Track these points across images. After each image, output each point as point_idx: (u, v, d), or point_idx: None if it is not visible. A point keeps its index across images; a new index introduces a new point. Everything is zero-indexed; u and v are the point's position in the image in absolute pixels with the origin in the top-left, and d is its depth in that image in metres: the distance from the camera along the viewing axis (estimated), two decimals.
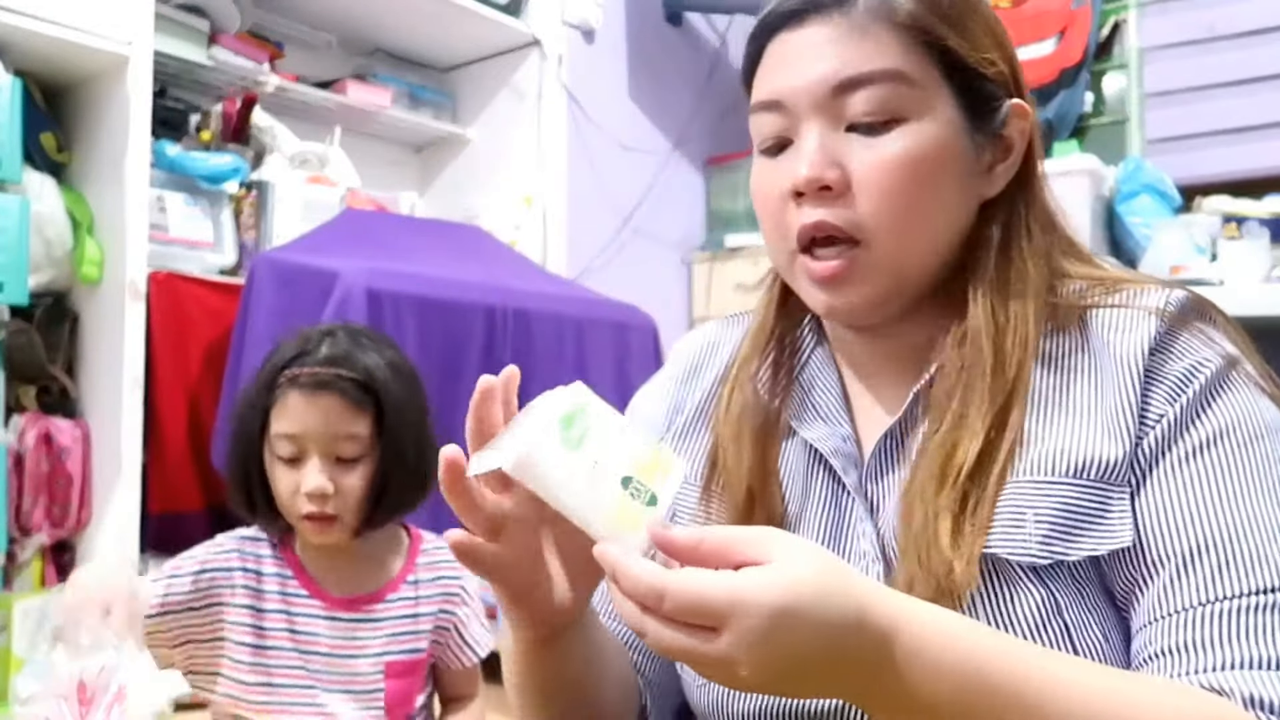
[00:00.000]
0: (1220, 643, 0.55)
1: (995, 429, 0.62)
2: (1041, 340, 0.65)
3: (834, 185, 0.63)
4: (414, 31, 2.77)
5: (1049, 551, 0.59)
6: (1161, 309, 0.63)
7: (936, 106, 0.64)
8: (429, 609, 1.16)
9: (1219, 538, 0.57)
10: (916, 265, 0.65)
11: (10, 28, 1.73)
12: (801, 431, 0.70)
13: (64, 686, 0.89)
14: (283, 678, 1.13)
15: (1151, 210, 2.36)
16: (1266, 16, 2.52)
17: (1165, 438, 0.60)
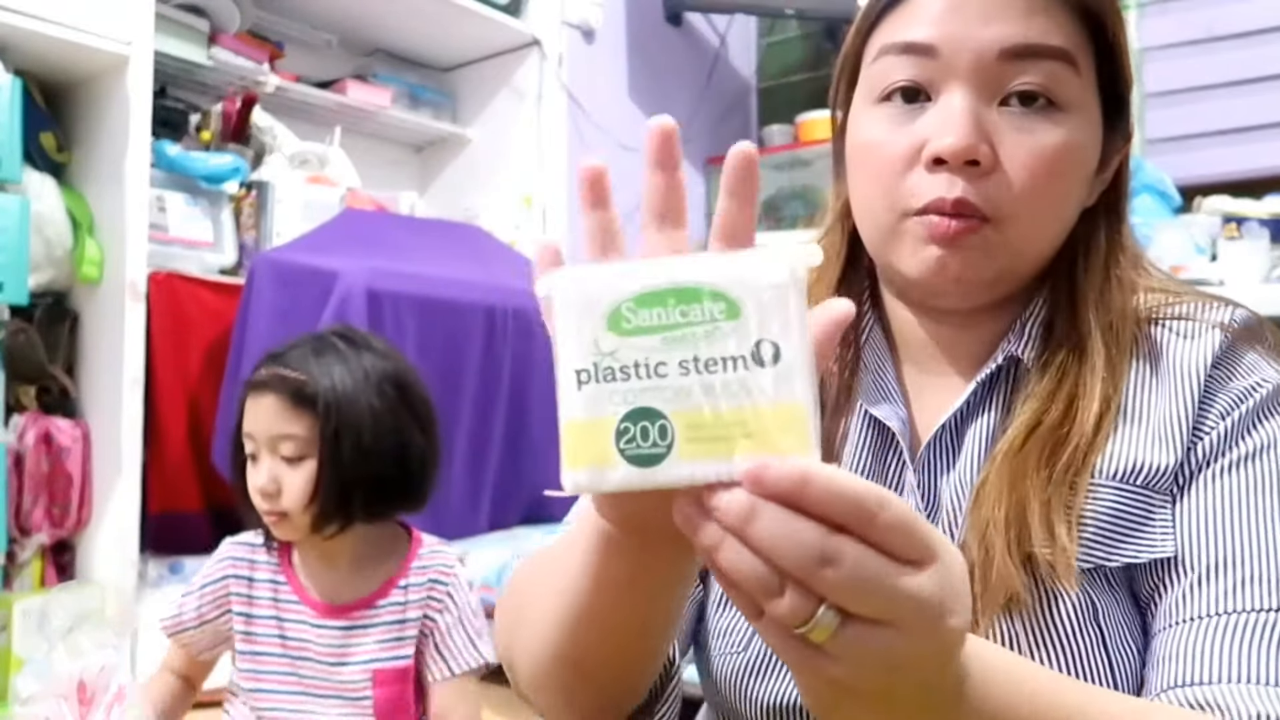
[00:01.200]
0: (1231, 655, 0.54)
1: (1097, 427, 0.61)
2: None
3: (983, 161, 0.59)
4: (414, 31, 2.77)
5: (1092, 556, 0.59)
6: (1226, 324, 0.63)
7: (1089, 102, 0.62)
8: (415, 614, 1.15)
9: (1249, 552, 0.57)
10: (1033, 254, 0.63)
11: (10, 28, 1.73)
12: (872, 409, 0.67)
13: (64, 686, 0.89)
14: (273, 684, 1.14)
15: (1151, 210, 2.35)
16: (1266, 16, 2.52)
17: (1213, 448, 0.60)
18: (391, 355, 1.18)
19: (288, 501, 1.11)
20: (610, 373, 0.38)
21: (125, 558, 1.83)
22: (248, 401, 1.13)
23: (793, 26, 3.41)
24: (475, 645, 1.15)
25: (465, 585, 1.17)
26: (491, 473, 2.15)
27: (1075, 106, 0.61)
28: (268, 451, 1.11)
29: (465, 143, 2.94)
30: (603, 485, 0.38)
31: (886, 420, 0.67)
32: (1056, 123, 0.60)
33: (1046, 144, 0.60)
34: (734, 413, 0.37)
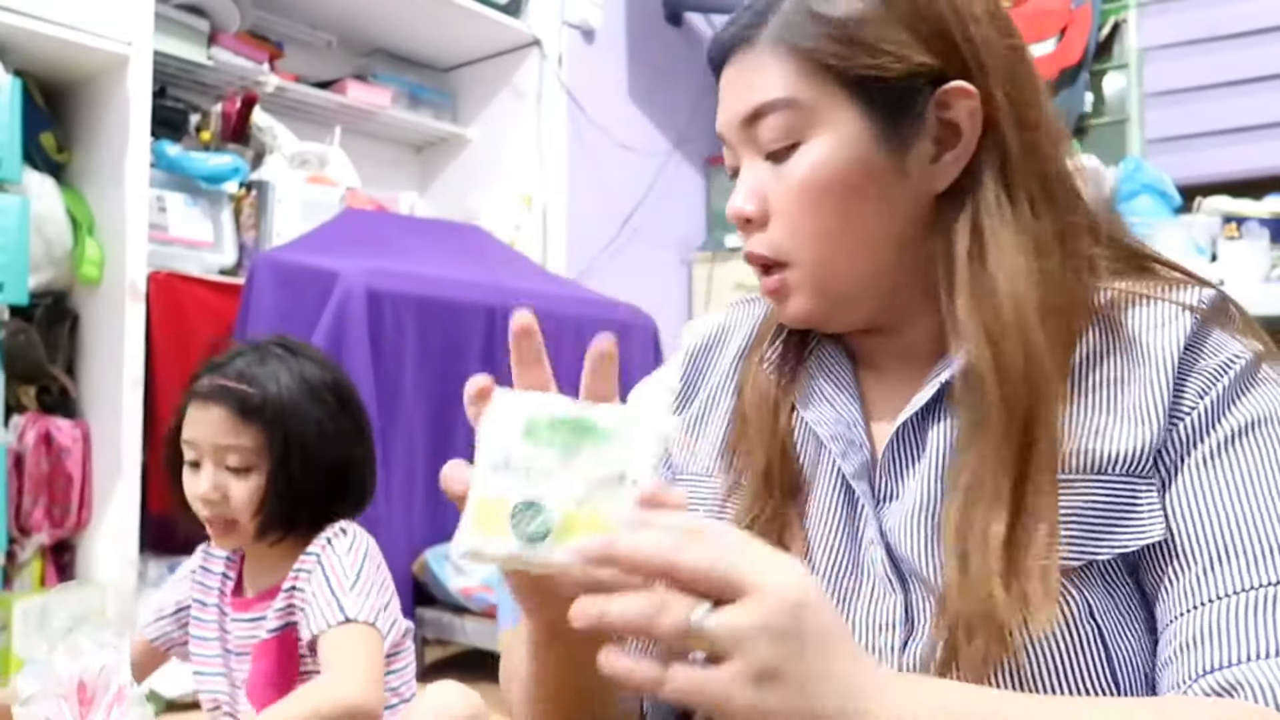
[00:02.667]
0: (1251, 633, 0.54)
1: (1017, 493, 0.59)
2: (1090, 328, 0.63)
3: (754, 218, 0.66)
4: (414, 31, 2.77)
5: (1079, 552, 0.58)
6: (1196, 305, 0.62)
7: (834, 121, 0.64)
8: (290, 584, 1.14)
9: (1254, 529, 0.57)
10: (845, 278, 0.66)
11: (10, 28, 1.73)
12: (804, 413, 0.69)
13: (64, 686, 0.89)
14: (212, 667, 1.18)
15: (1151, 210, 2.36)
16: (1266, 16, 2.52)
17: (1197, 429, 0.59)
18: (329, 365, 1.20)
19: (236, 511, 1.11)
20: (518, 469, 0.50)
21: (125, 558, 1.83)
22: (190, 409, 1.13)
23: None
24: (337, 601, 1.11)
25: (338, 551, 1.13)
26: None
27: (815, 135, 0.64)
28: (212, 460, 1.12)
29: (465, 143, 2.94)
30: (488, 549, 0.50)
31: (817, 425, 0.68)
32: (798, 157, 0.65)
33: (793, 179, 0.65)
34: (596, 516, 0.49)
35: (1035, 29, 2.79)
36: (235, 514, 1.11)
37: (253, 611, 1.15)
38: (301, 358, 1.17)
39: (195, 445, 1.12)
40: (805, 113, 0.64)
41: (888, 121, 0.64)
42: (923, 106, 0.64)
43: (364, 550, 1.15)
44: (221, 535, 1.13)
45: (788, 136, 0.64)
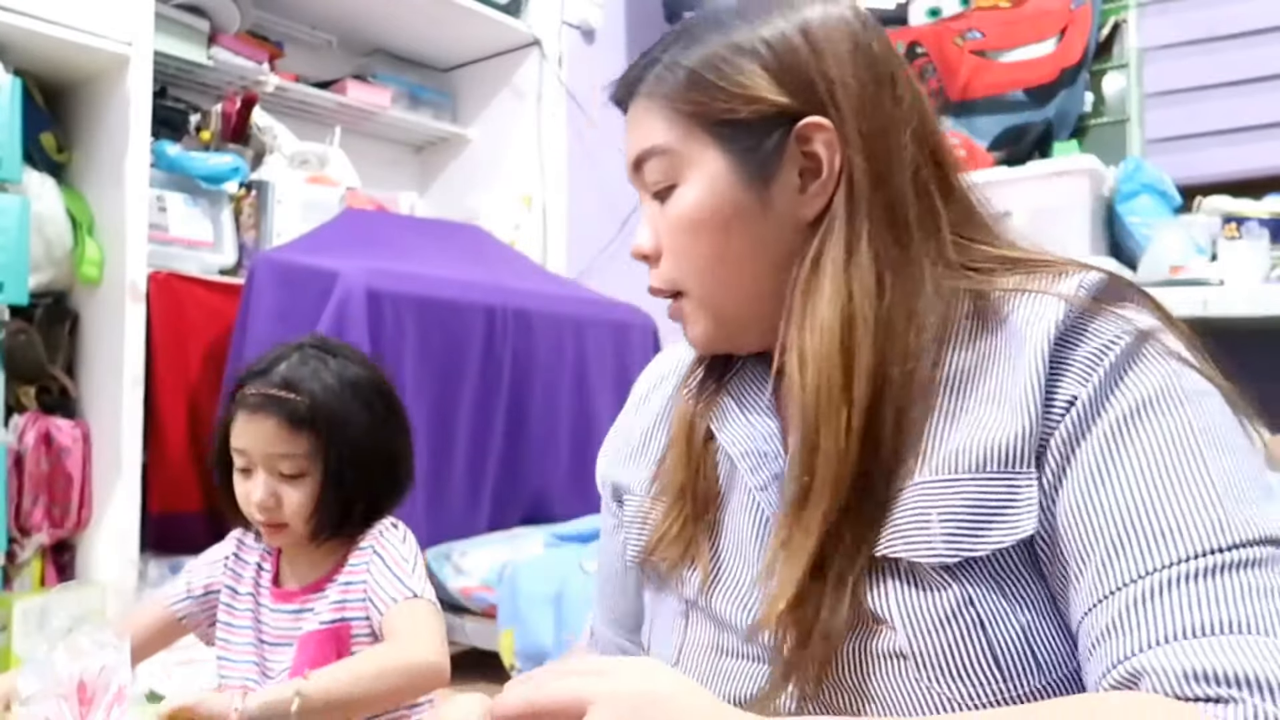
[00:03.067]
0: (1150, 619, 0.54)
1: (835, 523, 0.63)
2: (954, 330, 0.65)
3: (649, 254, 0.74)
4: (414, 31, 2.77)
5: (955, 550, 0.60)
6: (1072, 294, 0.63)
7: (699, 164, 0.70)
8: (345, 578, 1.16)
9: (1143, 514, 0.57)
10: (733, 303, 0.71)
11: (10, 28, 1.73)
12: (718, 434, 0.74)
13: (64, 686, 0.89)
14: (240, 654, 1.18)
15: (1151, 210, 2.35)
16: (1266, 16, 2.52)
17: (1081, 420, 0.60)
18: (368, 363, 1.21)
19: (289, 516, 1.13)
20: None
21: (125, 558, 1.83)
22: (239, 418, 1.13)
23: None
24: (401, 581, 1.14)
25: (393, 540, 1.16)
26: (491, 473, 2.15)
27: (683, 177, 0.71)
28: (264, 468, 1.13)
29: (465, 143, 2.94)
30: None
31: (729, 444, 0.73)
32: (675, 198, 0.71)
33: (671, 218, 0.72)
34: None
35: (1035, 29, 2.80)
36: (289, 518, 1.13)
37: (295, 604, 1.16)
38: (341, 358, 1.18)
39: (247, 454, 1.13)
40: (675, 157, 0.71)
41: (748, 160, 0.69)
42: (781, 142, 0.68)
43: (414, 541, 1.18)
44: (274, 537, 1.15)
45: (666, 179, 0.71)
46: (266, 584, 1.19)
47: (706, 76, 0.69)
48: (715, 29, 0.71)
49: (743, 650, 0.69)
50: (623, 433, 0.87)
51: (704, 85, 0.69)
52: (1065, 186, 2.29)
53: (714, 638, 0.71)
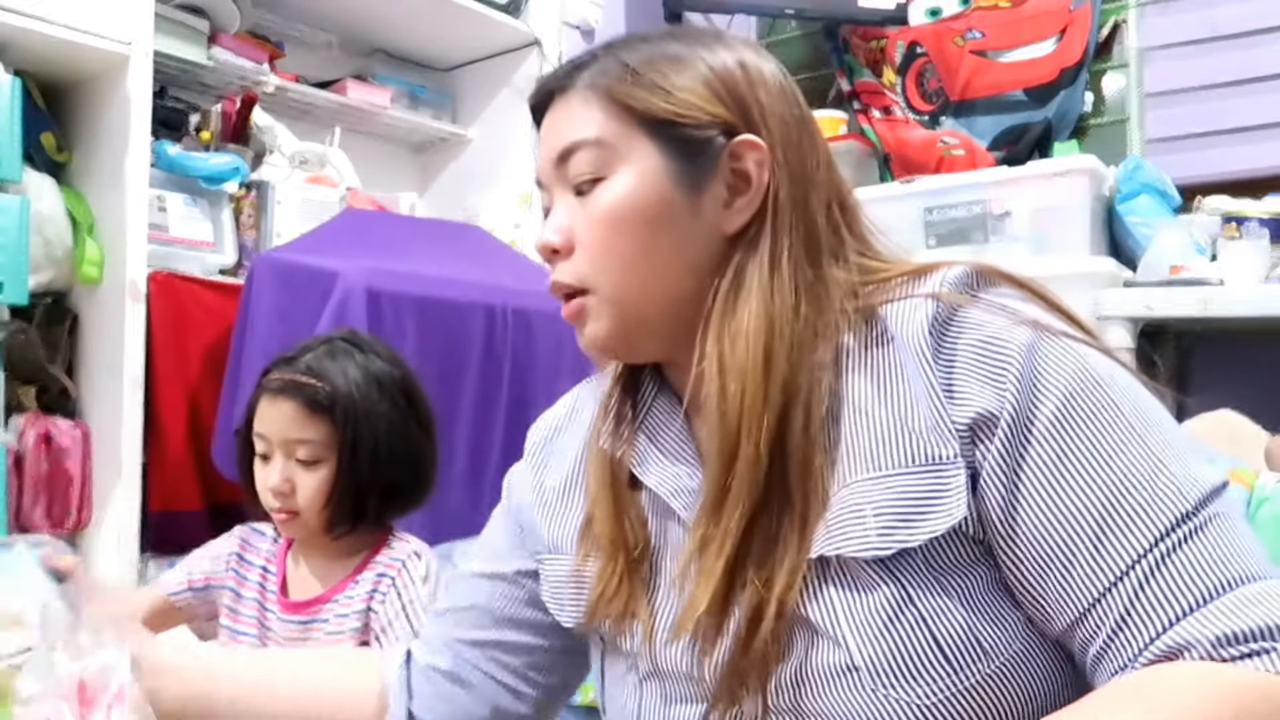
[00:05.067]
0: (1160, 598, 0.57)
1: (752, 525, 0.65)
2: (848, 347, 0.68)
3: (560, 248, 0.72)
4: (414, 31, 2.77)
5: (890, 541, 0.61)
6: (936, 290, 0.66)
7: (635, 159, 0.70)
8: (360, 606, 1.15)
9: (1105, 507, 0.59)
10: (644, 303, 0.71)
11: (10, 28, 1.73)
12: (643, 478, 0.74)
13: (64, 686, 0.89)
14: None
15: (1151, 210, 2.36)
16: (1267, 16, 2.52)
17: (1015, 432, 0.61)
18: (398, 361, 1.21)
19: (302, 503, 1.13)
20: None
21: (125, 558, 1.83)
22: (262, 403, 1.15)
23: (792, 26, 3.40)
24: (415, 632, 1.12)
25: (415, 579, 1.15)
26: (492, 473, 2.15)
27: (617, 171, 0.71)
28: (282, 453, 1.13)
29: (465, 143, 2.94)
30: None
31: (657, 487, 0.73)
32: (600, 190, 0.71)
33: (594, 210, 0.71)
34: None
35: (1035, 29, 2.80)
36: (302, 507, 1.13)
37: (304, 614, 1.16)
38: (369, 353, 1.19)
39: (266, 438, 1.14)
40: (609, 149, 0.71)
41: (683, 162, 0.71)
42: (716, 153, 0.71)
43: (436, 579, 1.17)
44: (284, 525, 1.15)
45: (593, 171, 0.71)
46: (273, 590, 1.19)
47: (651, 76, 0.71)
48: (654, 42, 0.75)
49: (692, 694, 0.69)
50: (529, 485, 0.86)
51: (648, 84, 0.71)
52: (1065, 186, 2.29)
53: (665, 688, 0.71)
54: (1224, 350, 0.70)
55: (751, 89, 0.72)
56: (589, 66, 0.74)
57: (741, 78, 0.72)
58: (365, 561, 1.17)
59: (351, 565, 1.18)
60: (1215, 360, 0.63)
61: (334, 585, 1.16)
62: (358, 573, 1.17)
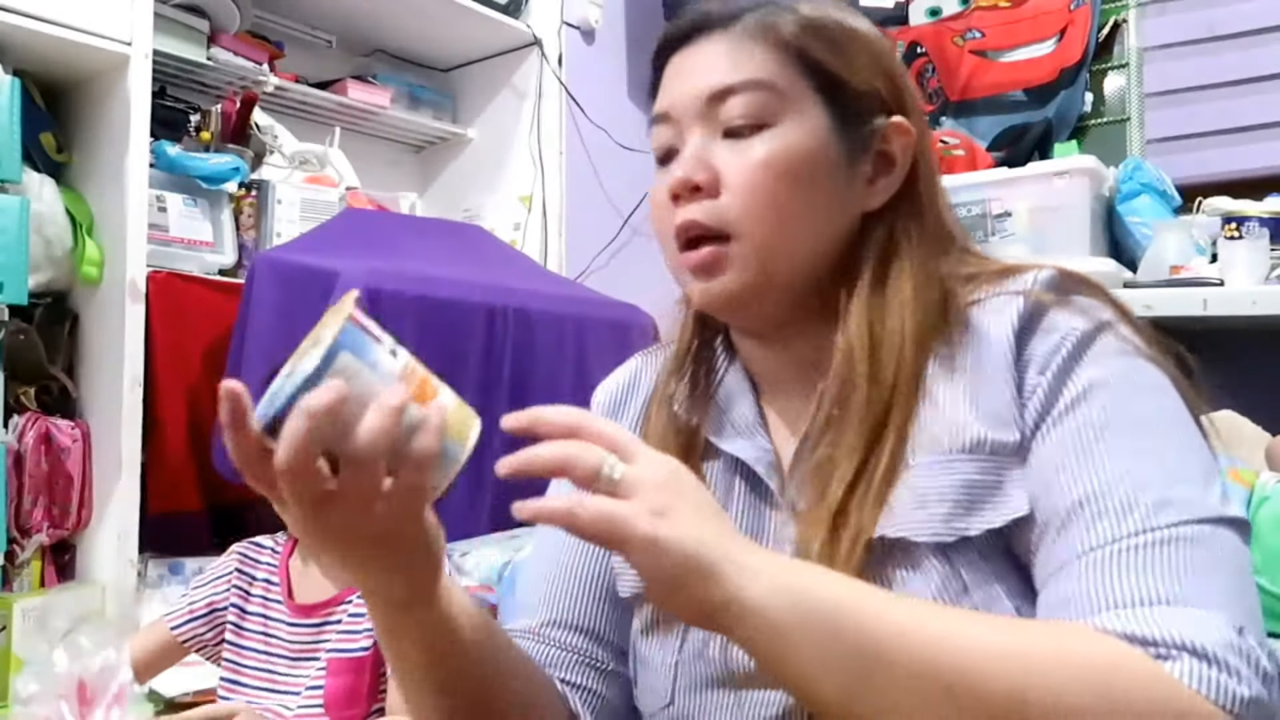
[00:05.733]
0: (1095, 588, 0.57)
1: (874, 439, 0.65)
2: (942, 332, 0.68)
3: (704, 185, 0.69)
4: (414, 31, 2.77)
5: (952, 528, 0.62)
6: (1027, 290, 0.67)
7: (804, 113, 0.69)
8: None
9: (1093, 492, 0.59)
10: (785, 262, 0.69)
11: (10, 27, 1.73)
12: (722, 445, 0.73)
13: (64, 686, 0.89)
14: (251, 679, 1.16)
15: (1151, 210, 2.35)
16: (1266, 16, 2.52)
17: (1042, 404, 0.63)
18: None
19: None
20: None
21: (125, 558, 1.83)
22: None
23: None
24: None
25: None
26: (492, 473, 2.14)
27: (783, 121, 0.69)
28: None
29: (465, 143, 2.94)
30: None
31: (739, 454, 0.72)
32: (765, 138, 0.69)
33: (756, 155, 0.68)
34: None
35: (1035, 29, 2.80)
36: None
37: (316, 617, 1.16)
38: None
39: None
40: (779, 97, 0.69)
41: (846, 128, 0.71)
42: (874, 129, 0.71)
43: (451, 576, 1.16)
44: None
45: (756, 116, 0.69)
46: (278, 598, 1.18)
47: (829, 33, 0.70)
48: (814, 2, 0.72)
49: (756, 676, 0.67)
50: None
51: (827, 41, 0.70)
52: (1065, 186, 2.29)
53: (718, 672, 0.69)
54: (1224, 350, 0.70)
55: (903, 73, 0.73)
56: (754, 10, 0.71)
57: (896, 60, 0.73)
58: None
59: None
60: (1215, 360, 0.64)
61: (347, 586, 1.16)
62: None
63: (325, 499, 0.52)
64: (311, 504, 0.52)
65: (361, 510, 0.53)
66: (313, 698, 1.13)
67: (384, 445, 0.51)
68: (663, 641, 0.73)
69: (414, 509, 0.56)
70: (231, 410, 0.50)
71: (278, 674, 1.16)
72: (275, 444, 0.51)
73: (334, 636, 1.15)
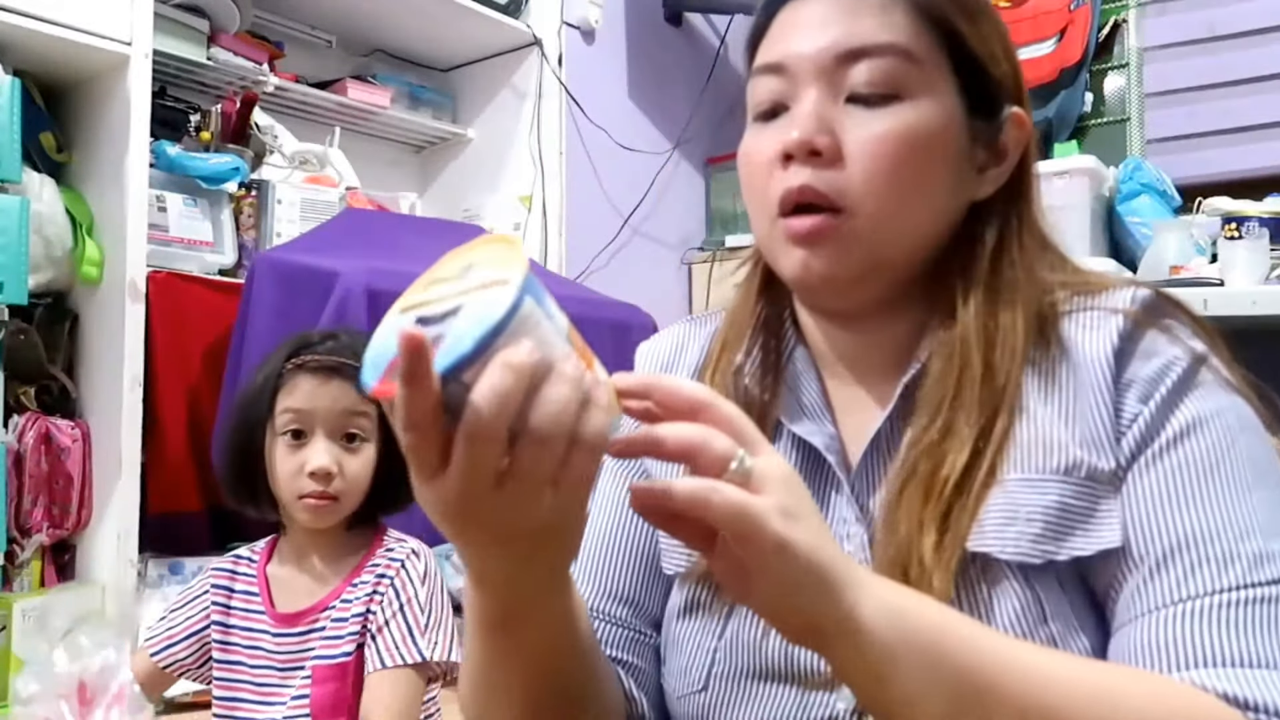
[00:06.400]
0: (1190, 641, 0.55)
1: (982, 439, 0.62)
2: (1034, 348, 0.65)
3: (824, 151, 0.63)
4: (414, 31, 2.77)
5: (1040, 551, 0.59)
6: (1125, 308, 0.64)
7: (938, 90, 0.65)
8: (359, 610, 1.12)
9: (1192, 536, 0.57)
10: (897, 245, 0.65)
11: (10, 27, 1.73)
12: (793, 427, 0.69)
13: (64, 686, 0.89)
14: (245, 693, 1.15)
15: (1151, 210, 2.36)
16: (1266, 16, 2.52)
17: (1143, 435, 0.60)
18: None
19: (346, 485, 1.11)
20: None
21: (125, 558, 1.83)
22: (303, 383, 1.11)
23: None
24: (413, 639, 1.10)
25: (414, 579, 1.13)
26: None
27: (916, 95, 0.64)
28: (325, 433, 1.10)
29: (465, 143, 2.94)
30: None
31: (809, 438, 0.68)
32: (896, 110, 0.63)
33: (885, 129, 0.63)
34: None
35: (1035, 29, 2.79)
36: (344, 489, 1.10)
37: (301, 625, 1.14)
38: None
39: (308, 415, 1.11)
40: (917, 69, 0.64)
41: (974, 112, 0.66)
42: (999, 116, 0.67)
43: (434, 575, 1.15)
44: (319, 513, 1.12)
45: (887, 86, 0.63)
46: (259, 609, 1.15)
47: (980, 18, 0.66)
48: None
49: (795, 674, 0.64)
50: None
51: (970, 13, 0.65)
52: (1065, 186, 2.29)
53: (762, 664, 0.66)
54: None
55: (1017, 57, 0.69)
56: None
57: (1011, 42, 0.68)
58: (361, 564, 1.15)
59: (347, 568, 1.15)
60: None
61: (331, 590, 1.14)
62: (354, 575, 1.15)
63: (498, 479, 0.44)
64: (487, 480, 0.44)
65: (532, 497, 0.45)
66: (298, 707, 1.11)
67: (568, 422, 0.44)
68: (703, 625, 0.69)
69: (583, 497, 0.48)
70: (417, 358, 0.41)
71: (270, 685, 1.14)
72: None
73: (318, 644, 1.13)
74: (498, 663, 0.58)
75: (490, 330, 0.42)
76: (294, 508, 1.12)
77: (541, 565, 0.51)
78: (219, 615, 1.17)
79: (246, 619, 1.16)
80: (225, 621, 1.17)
